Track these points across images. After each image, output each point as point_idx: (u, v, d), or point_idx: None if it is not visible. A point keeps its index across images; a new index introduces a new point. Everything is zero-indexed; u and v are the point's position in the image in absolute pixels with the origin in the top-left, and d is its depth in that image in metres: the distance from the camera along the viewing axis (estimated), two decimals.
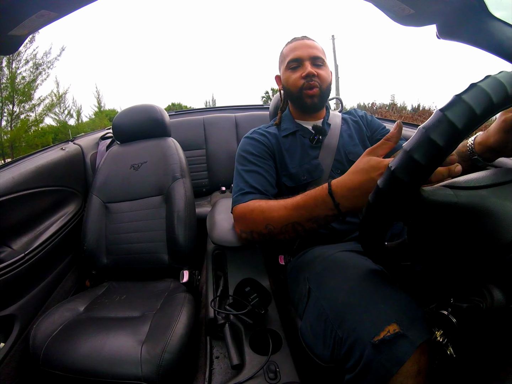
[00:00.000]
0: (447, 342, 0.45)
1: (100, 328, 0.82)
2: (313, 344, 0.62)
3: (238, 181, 0.83)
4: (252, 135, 0.91)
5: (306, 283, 0.70)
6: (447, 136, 0.34)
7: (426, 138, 0.35)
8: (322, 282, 0.65)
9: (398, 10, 0.72)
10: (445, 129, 0.35)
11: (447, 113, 0.35)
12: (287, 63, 0.86)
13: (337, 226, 0.83)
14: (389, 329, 0.47)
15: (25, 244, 0.98)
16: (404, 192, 0.38)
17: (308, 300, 0.67)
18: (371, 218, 0.44)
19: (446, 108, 0.35)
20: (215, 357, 0.80)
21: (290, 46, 0.87)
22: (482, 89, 0.35)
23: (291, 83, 0.86)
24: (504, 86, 0.35)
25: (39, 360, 0.77)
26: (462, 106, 0.34)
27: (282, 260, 0.91)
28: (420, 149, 0.36)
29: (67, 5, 0.67)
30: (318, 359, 0.59)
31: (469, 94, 0.35)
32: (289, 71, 0.86)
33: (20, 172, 1.01)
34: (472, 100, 0.34)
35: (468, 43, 0.68)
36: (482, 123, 0.36)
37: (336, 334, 0.54)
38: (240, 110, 2.15)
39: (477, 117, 0.34)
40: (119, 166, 1.29)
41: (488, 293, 0.41)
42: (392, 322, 0.47)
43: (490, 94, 0.34)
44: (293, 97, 0.89)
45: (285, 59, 0.87)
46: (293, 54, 0.85)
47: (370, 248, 0.51)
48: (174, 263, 1.11)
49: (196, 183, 1.87)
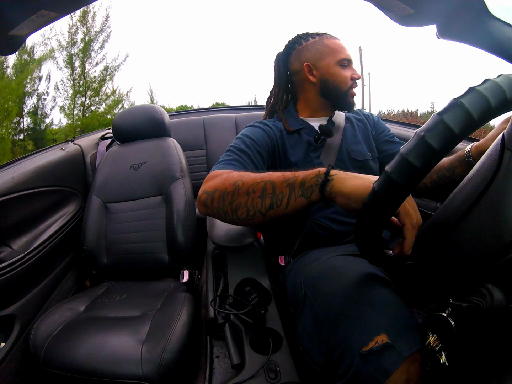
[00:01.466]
0: (440, 348, 0.45)
1: (101, 328, 0.82)
2: (309, 349, 0.62)
3: (223, 156, 0.76)
4: (256, 124, 0.87)
5: (302, 287, 0.70)
6: (442, 140, 0.35)
7: (422, 141, 0.36)
8: (317, 288, 0.65)
9: (398, 10, 0.72)
10: (441, 133, 0.35)
11: (444, 117, 0.35)
12: (339, 59, 0.83)
13: (336, 227, 0.83)
14: (378, 340, 0.47)
15: (25, 244, 0.98)
16: (399, 195, 0.39)
17: (304, 305, 0.67)
18: (366, 220, 0.44)
19: (443, 112, 0.35)
20: (216, 357, 0.80)
21: (337, 43, 0.85)
22: (480, 94, 0.35)
23: (341, 80, 0.84)
24: (503, 90, 0.35)
25: (40, 360, 0.77)
26: (460, 110, 0.34)
27: (282, 261, 0.92)
28: (416, 152, 0.36)
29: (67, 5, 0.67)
30: (314, 364, 0.59)
31: (467, 98, 0.35)
32: (340, 67, 0.84)
33: (20, 172, 1.00)
34: (470, 104, 0.34)
35: (468, 43, 0.68)
36: (479, 127, 0.36)
37: (329, 341, 0.54)
38: (240, 110, 2.15)
39: (475, 122, 0.34)
40: (119, 166, 1.29)
41: (488, 293, 0.41)
42: (381, 332, 0.47)
43: (489, 98, 0.34)
44: (339, 94, 0.85)
45: (333, 54, 0.84)
46: (345, 53, 0.84)
47: (366, 250, 0.51)
48: (174, 263, 1.11)
49: (196, 183, 1.84)
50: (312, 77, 0.86)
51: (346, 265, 0.66)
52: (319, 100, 0.89)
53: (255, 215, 0.56)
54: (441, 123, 0.35)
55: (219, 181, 0.62)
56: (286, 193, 0.53)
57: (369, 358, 0.46)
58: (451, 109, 0.35)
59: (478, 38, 0.67)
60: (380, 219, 0.42)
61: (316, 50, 0.86)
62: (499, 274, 0.41)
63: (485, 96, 0.34)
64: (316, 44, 0.86)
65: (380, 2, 0.72)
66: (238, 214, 0.58)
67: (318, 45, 0.86)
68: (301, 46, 0.88)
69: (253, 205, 0.56)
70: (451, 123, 0.34)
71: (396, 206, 0.41)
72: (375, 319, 0.50)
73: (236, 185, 0.58)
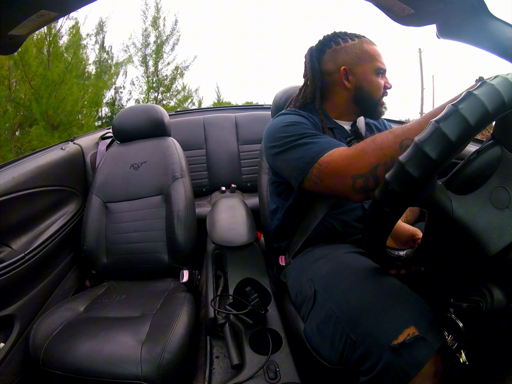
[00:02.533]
0: (458, 347, 0.46)
1: (100, 328, 0.82)
2: (319, 346, 0.61)
3: (305, 146, 0.68)
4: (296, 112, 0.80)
5: (310, 285, 0.69)
6: (439, 149, 0.34)
7: (419, 150, 0.35)
8: (330, 285, 0.65)
9: (398, 10, 0.72)
10: (438, 142, 0.34)
11: (442, 125, 0.34)
12: (377, 68, 0.81)
13: (340, 229, 0.82)
14: (409, 332, 0.47)
15: (25, 244, 0.98)
16: (399, 204, 0.39)
17: (314, 302, 0.66)
18: (371, 227, 0.45)
19: (441, 120, 0.35)
20: (215, 357, 0.80)
21: (375, 49, 0.83)
22: (478, 99, 0.34)
23: (377, 88, 0.82)
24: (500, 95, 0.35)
25: (39, 360, 0.77)
26: (457, 118, 0.34)
27: (282, 261, 0.91)
28: (413, 162, 0.35)
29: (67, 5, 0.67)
30: (324, 361, 0.59)
31: (464, 104, 0.34)
32: (375, 75, 0.82)
33: (20, 172, 1.00)
34: (468, 112, 0.34)
35: (468, 42, 0.69)
36: (477, 134, 0.35)
37: (348, 337, 0.54)
38: (240, 110, 2.15)
39: (472, 129, 0.34)
40: (119, 166, 1.29)
41: (488, 293, 0.41)
42: (410, 325, 0.48)
43: (486, 105, 0.34)
44: (371, 101, 0.83)
45: (372, 61, 0.81)
46: (381, 62, 0.82)
47: (374, 254, 0.52)
48: (174, 263, 1.11)
49: (196, 183, 1.86)
50: (348, 83, 0.82)
51: (357, 262, 0.67)
52: (349, 106, 0.86)
53: None
54: (437, 131, 0.35)
55: (373, 155, 0.54)
56: None
57: (401, 351, 0.46)
58: (449, 117, 0.35)
59: (478, 38, 0.67)
60: (383, 225, 0.43)
61: (355, 54, 0.82)
62: (499, 274, 0.41)
63: (483, 102, 0.34)
64: (355, 48, 0.82)
65: (380, 2, 0.72)
66: None
67: (357, 49, 0.82)
68: (338, 46, 0.83)
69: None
70: (448, 131, 0.34)
71: (397, 214, 0.41)
72: (401, 313, 0.50)
73: (406, 146, 0.48)
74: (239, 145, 1.95)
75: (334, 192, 0.64)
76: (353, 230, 0.83)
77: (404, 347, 0.46)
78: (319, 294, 0.66)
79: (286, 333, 0.77)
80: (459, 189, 0.42)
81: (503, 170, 0.42)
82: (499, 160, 0.42)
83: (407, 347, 0.46)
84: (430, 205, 0.41)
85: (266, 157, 0.84)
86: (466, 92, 0.35)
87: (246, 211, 1.18)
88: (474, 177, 0.42)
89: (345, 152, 0.61)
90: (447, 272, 0.51)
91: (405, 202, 0.38)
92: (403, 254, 0.52)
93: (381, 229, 0.44)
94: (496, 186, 0.42)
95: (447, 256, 0.47)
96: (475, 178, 0.42)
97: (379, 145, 0.54)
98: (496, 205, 0.41)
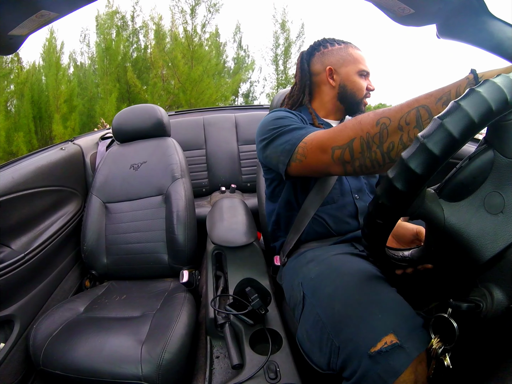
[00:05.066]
0: (444, 351, 0.45)
1: (100, 328, 0.82)
2: (310, 351, 0.61)
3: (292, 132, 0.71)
4: (286, 110, 0.85)
5: (300, 289, 0.70)
6: (425, 165, 0.35)
7: (405, 166, 0.36)
8: (317, 289, 0.65)
9: (398, 10, 0.72)
10: (424, 159, 0.35)
11: (427, 143, 0.34)
12: (359, 70, 0.88)
13: (333, 226, 0.83)
14: (386, 340, 0.47)
15: (25, 244, 0.98)
16: (389, 216, 0.40)
17: (303, 307, 0.67)
18: (368, 237, 0.46)
19: (426, 136, 0.35)
20: (215, 357, 0.80)
21: (360, 54, 0.89)
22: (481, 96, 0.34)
23: (359, 88, 0.88)
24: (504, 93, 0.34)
25: (39, 360, 0.77)
26: (442, 133, 0.34)
27: (277, 261, 0.91)
28: (400, 178, 0.36)
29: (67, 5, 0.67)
30: (315, 366, 0.59)
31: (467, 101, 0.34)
32: (359, 77, 0.88)
33: (20, 172, 1.00)
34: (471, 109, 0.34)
35: (468, 43, 0.68)
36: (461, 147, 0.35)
37: (333, 343, 0.54)
38: (240, 110, 2.15)
39: (458, 143, 0.34)
40: (119, 166, 1.29)
41: (488, 293, 0.41)
42: (389, 333, 0.47)
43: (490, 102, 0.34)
44: (354, 100, 0.89)
45: (355, 64, 0.88)
46: (365, 65, 0.89)
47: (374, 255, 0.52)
48: (174, 263, 1.11)
49: (196, 183, 1.87)
50: (332, 81, 0.89)
51: (345, 265, 0.66)
52: (335, 103, 0.91)
53: None
54: (423, 148, 0.35)
55: (351, 129, 0.56)
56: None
57: (378, 358, 0.46)
58: (435, 134, 0.35)
59: (478, 38, 0.67)
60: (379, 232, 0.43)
61: (340, 56, 0.89)
62: (499, 274, 0.41)
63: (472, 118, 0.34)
64: (341, 51, 0.89)
65: (380, 2, 0.72)
66: (392, 156, 0.51)
67: (342, 52, 0.89)
68: (326, 50, 0.90)
69: (411, 138, 0.49)
70: (433, 148, 0.34)
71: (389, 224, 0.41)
72: (382, 319, 0.50)
73: (382, 124, 0.51)
74: (239, 145, 1.95)
75: (316, 165, 0.65)
76: (346, 226, 0.83)
77: (381, 355, 0.46)
78: (307, 299, 0.66)
79: (286, 333, 0.77)
80: (451, 197, 0.42)
81: (496, 175, 0.41)
82: (492, 165, 0.41)
83: (384, 355, 0.46)
84: (421, 216, 0.41)
85: (258, 153, 0.86)
86: (469, 89, 0.35)
87: (246, 211, 1.18)
88: (466, 184, 0.42)
89: (329, 129, 0.64)
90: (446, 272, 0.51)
91: (396, 214, 0.39)
92: (408, 254, 0.52)
93: (377, 238, 0.45)
94: (489, 191, 0.41)
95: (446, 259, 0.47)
96: (467, 185, 0.42)
97: (359, 121, 0.56)
98: (489, 210, 0.41)
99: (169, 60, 6.18)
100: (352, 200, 0.84)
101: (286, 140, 0.71)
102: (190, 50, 6.31)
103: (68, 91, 6.20)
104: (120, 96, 6.40)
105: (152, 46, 6.83)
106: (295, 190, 0.86)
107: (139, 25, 7.02)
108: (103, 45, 6.44)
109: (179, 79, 6.24)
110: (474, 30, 0.65)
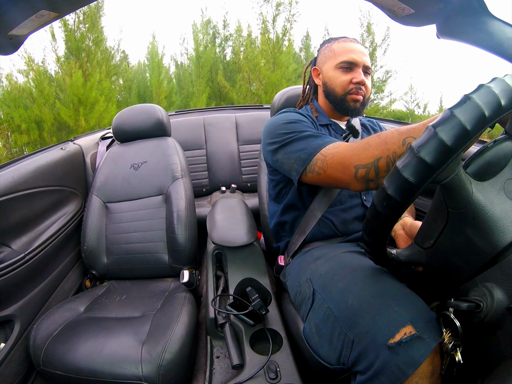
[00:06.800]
0: (454, 346, 0.45)
1: (101, 328, 0.82)
2: (317, 346, 0.61)
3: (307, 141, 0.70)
4: (293, 109, 0.85)
5: (309, 285, 0.70)
6: (419, 174, 0.36)
7: (399, 175, 0.37)
8: (328, 284, 0.65)
9: (398, 10, 0.72)
10: (416, 168, 0.36)
11: (421, 152, 0.35)
12: (338, 62, 0.81)
13: (339, 226, 0.82)
14: (406, 331, 0.47)
15: (25, 244, 0.98)
16: (385, 223, 0.42)
17: (313, 302, 0.67)
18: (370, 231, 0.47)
19: (420, 146, 0.36)
20: (216, 357, 0.80)
21: (344, 46, 0.83)
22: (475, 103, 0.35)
23: (338, 83, 0.82)
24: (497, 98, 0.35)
25: (40, 360, 0.77)
26: (435, 143, 0.35)
27: (282, 261, 0.91)
28: (394, 185, 0.38)
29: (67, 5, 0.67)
30: (323, 361, 0.59)
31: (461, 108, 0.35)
32: (339, 71, 0.82)
33: (20, 172, 1.00)
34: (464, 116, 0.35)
35: (468, 43, 0.68)
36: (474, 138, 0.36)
37: (346, 336, 0.54)
38: (240, 110, 2.15)
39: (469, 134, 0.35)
40: (119, 166, 1.29)
41: (489, 293, 0.41)
42: (407, 324, 0.48)
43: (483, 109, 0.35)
44: (336, 98, 0.84)
45: (335, 57, 0.82)
46: (348, 56, 0.80)
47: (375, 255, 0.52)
48: (174, 263, 1.11)
49: (196, 183, 1.86)
50: (318, 81, 0.90)
51: (355, 261, 0.67)
52: (327, 103, 0.89)
53: None
54: (416, 159, 0.36)
55: (376, 148, 0.57)
56: None
57: (398, 350, 0.46)
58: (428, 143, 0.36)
59: (478, 38, 0.67)
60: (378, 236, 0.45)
61: (323, 54, 0.88)
62: (500, 273, 0.41)
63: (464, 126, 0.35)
64: (326, 49, 0.87)
65: (380, 2, 0.72)
66: None
67: (326, 50, 0.87)
68: (319, 51, 0.91)
69: None
70: (426, 157, 0.35)
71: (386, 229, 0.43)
72: (399, 312, 0.50)
73: (408, 143, 0.50)
74: (239, 145, 1.95)
75: (335, 181, 0.66)
76: (353, 228, 0.83)
77: (400, 346, 0.46)
78: (317, 294, 0.66)
79: (287, 333, 0.77)
80: (476, 175, 0.43)
81: None
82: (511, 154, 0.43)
83: (404, 346, 0.46)
84: (453, 183, 0.41)
85: (264, 154, 0.85)
86: (463, 96, 0.36)
87: (246, 211, 1.18)
88: (491, 165, 0.43)
89: (350, 145, 0.63)
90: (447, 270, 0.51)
91: (401, 206, 0.39)
92: (394, 253, 0.54)
93: (379, 232, 0.45)
94: (508, 177, 0.43)
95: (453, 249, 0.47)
96: (492, 165, 0.43)
97: (384, 139, 0.56)
98: (509, 195, 0.43)
99: (252, 66, 7.00)
100: (361, 202, 0.84)
101: (301, 148, 0.70)
102: (272, 56, 7.04)
103: (168, 89, 7.20)
104: (213, 95, 7.48)
105: (238, 52, 7.46)
106: (302, 192, 0.85)
107: (229, 33, 7.73)
108: (195, 53, 7.33)
109: (261, 82, 7.05)
110: (474, 30, 0.65)
